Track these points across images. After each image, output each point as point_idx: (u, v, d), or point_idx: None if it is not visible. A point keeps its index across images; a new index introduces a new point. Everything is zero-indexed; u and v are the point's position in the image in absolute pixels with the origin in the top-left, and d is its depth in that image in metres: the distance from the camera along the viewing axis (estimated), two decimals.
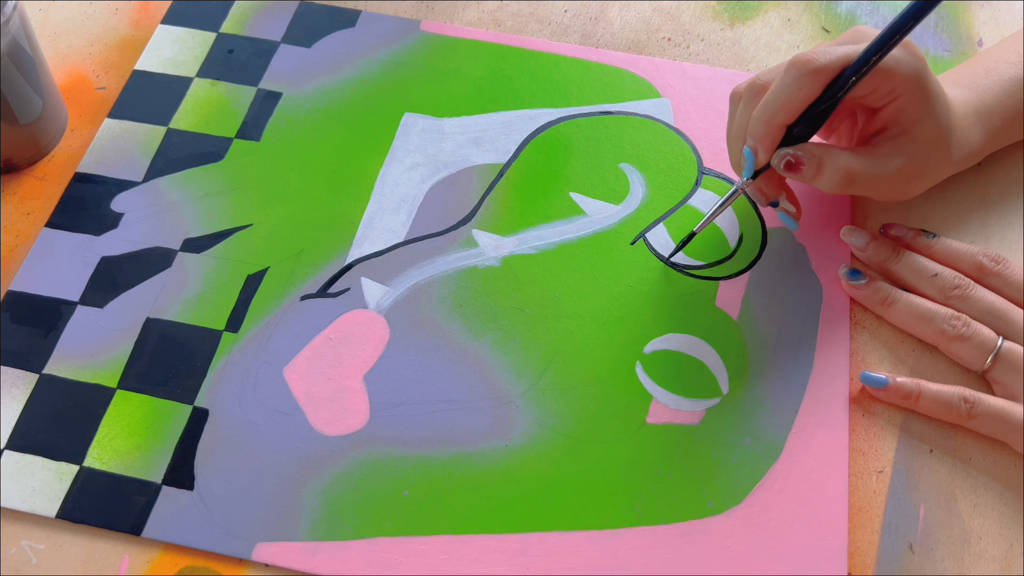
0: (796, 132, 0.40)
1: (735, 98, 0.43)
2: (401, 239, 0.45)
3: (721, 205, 0.42)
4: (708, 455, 0.39)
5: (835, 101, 0.38)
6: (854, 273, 0.43)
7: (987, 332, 0.40)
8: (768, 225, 0.45)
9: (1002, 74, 0.44)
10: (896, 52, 0.38)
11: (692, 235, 0.44)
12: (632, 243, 0.45)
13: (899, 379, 0.40)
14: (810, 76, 0.38)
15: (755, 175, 0.41)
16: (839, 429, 0.40)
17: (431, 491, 0.39)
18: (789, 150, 0.40)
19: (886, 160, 0.40)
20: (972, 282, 0.41)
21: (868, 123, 0.42)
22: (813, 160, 0.40)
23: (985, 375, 0.40)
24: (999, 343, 0.40)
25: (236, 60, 0.51)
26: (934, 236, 0.43)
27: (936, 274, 0.42)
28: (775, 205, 0.43)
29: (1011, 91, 0.43)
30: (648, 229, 0.45)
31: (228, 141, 0.48)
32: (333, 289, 0.44)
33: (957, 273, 0.42)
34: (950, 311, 0.41)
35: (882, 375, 0.40)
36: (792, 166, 0.40)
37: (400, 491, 0.39)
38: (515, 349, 0.42)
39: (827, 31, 0.53)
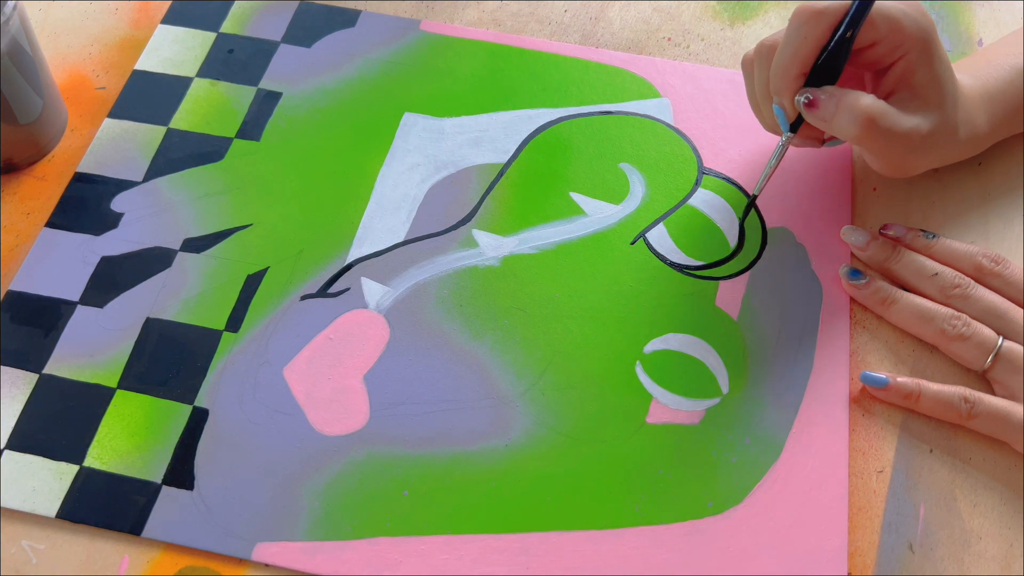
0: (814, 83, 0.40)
1: (747, 66, 0.43)
2: (401, 239, 0.45)
3: (776, 161, 0.43)
4: (708, 455, 0.39)
5: (847, 44, 0.39)
6: (854, 273, 0.43)
7: (987, 332, 0.40)
8: (768, 225, 0.45)
9: (1004, 63, 0.44)
10: (905, 7, 0.39)
11: (754, 199, 0.45)
12: (632, 243, 0.45)
13: (899, 379, 0.40)
14: (813, 20, 0.38)
15: (794, 128, 0.42)
16: (839, 429, 0.40)
17: (431, 491, 0.39)
18: (808, 90, 0.40)
19: (900, 116, 0.40)
20: (972, 281, 0.41)
21: (876, 87, 0.42)
22: (832, 99, 0.39)
23: (985, 375, 0.40)
24: (999, 343, 0.40)
25: (236, 60, 0.51)
26: (933, 236, 0.43)
27: (936, 273, 0.42)
28: (831, 144, 0.44)
29: (1013, 80, 0.44)
30: (648, 229, 0.45)
31: (228, 141, 0.48)
32: (333, 289, 0.44)
33: (957, 272, 0.42)
34: (950, 311, 0.41)
35: (882, 375, 0.40)
36: (811, 104, 0.40)
37: (400, 491, 0.39)
38: (515, 349, 0.42)
39: None
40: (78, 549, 0.37)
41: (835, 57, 0.39)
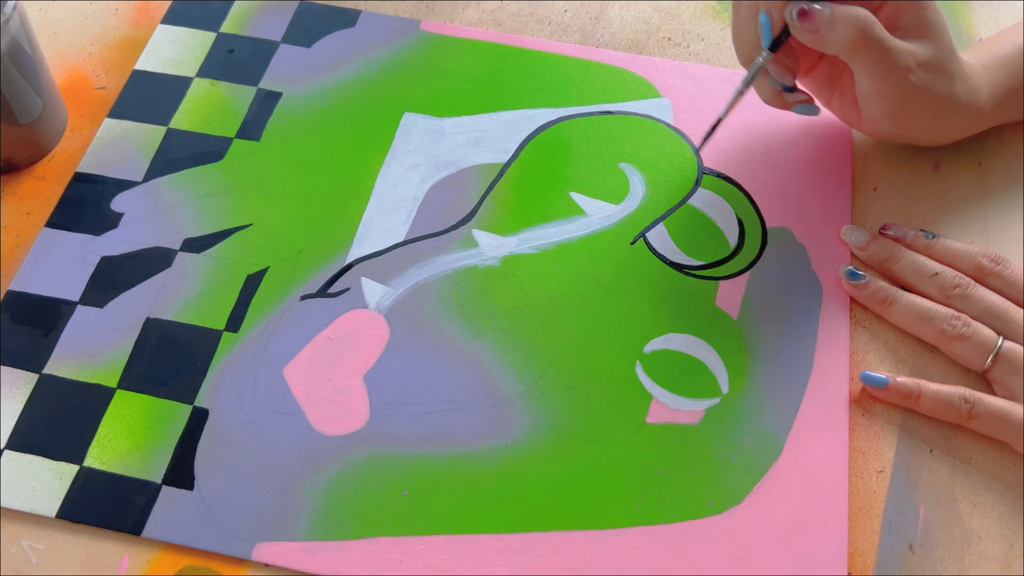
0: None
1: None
2: (401, 239, 0.45)
3: (744, 86, 0.43)
4: (708, 455, 0.39)
5: None
6: (854, 273, 0.43)
7: (987, 332, 0.40)
8: (768, 225, 0.45)
9: (1003, 43, 0.45)
10: None
11: (717, 123, 0.45)
12: (632, 243, 0.45)
13: (899, 379, 0.40)
14: None
15: (774, 46, 0.41)
16: (839, 429, 0.40)
17: (431, 491, 0.39)
18: (801, 2, 0.39)
19: (895, 40, 0.40)
20: (972, 281, 0.41)
21: None
22: (827, 8, 0.39)
23: (985, 375, 0.40)
24: (999, 343, 0.40)
25: (236, 60, 0.51)
26: (933, 236, 0.43)
27: (936, 273, 0.42)
28: (790, 91, 0.43)
29: (1014, 56, 0.44)
30: (648, 229, 0.45)
31: (228, 141, 0.48)
32: (333, 289, 0.44)
33: (958, 272, 0.42)
34: (950, 311, 0.41)
35: (882, 375, 0.40)
36: (804, 15, 0.39)
37: (400, 491, 0.39)
38: (515, 349, 0.42)
39: None
40: (78, 549, 0.37)
41: None
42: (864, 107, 0.43)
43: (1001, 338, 0.40)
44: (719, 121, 0.45)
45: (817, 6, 0.39)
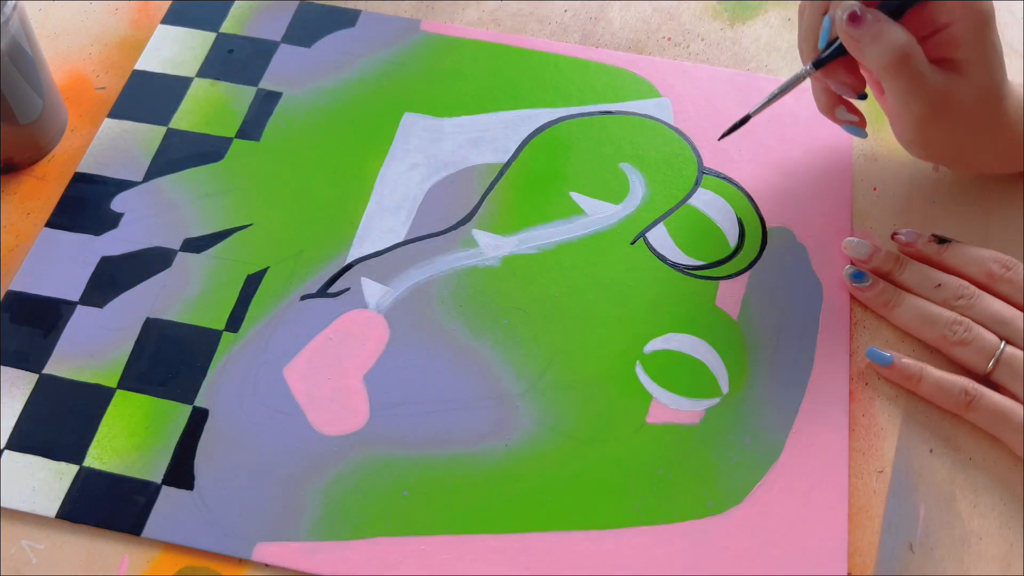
0: None
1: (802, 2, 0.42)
2: (401, 239, 0.45)
3: (781, 90, 0.42)
4: (708, 455, 0.39)
5: None
6: (858, 275, 0.42)
7: (989, 336, 0.40)
8: (768, 225, 0.45)
9: None
10: None
11: (746, 119, 0.44)
12: (632, 243, 0.45)
13: (904, 359, 0.40)
14: None
15: (821, 63, 0.40)
16: (839, 429, 0.40)
17: (431, 491, 0.39)
18: (857, 3, 0.38)
19: (935, 73, 0.39)
20: (977, 291, 0.41)
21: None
22: (877, 22, 0.38)
23: (988, 378, 0.40)
24: (1001, 347, 0.39)
25: (236, 60, 0.51)
26: (945, 241, 0.43)
27: (940, 284, 0.41)
28: (862, 97, 0.42)
29: None
30: (648, 229, 0.45)
31: (228, 141, 0.48)
32: (333, 289, 0.44)
33: (962, 283, 0.41)
34: (953, 315, 0.40)
35: (888, 353, 0.40)
36: (855, 19, 0.38)
37: (400, 491, 0.39)
38: (515, 349, 0.42)
39: None
40: (78, 549, 0.37)
41: (900, 5, 0.38)
42: (891, 122, 0.42)
43: (1003, 342, 0.40)
44: (747, 118, 0.44)
45: (870, 15, 0.38)
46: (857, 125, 0.43)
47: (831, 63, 0.41)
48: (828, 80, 0.42)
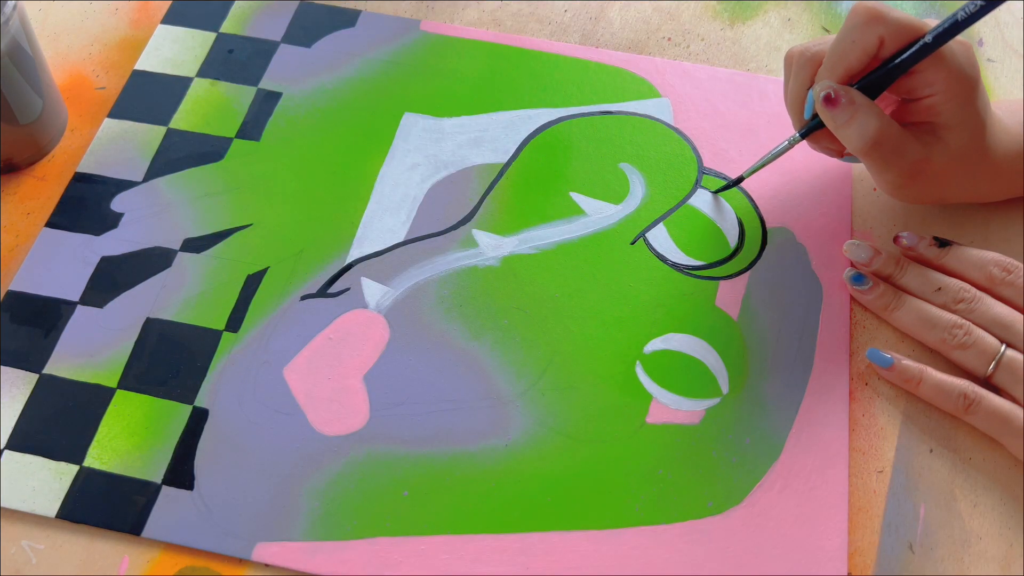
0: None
1: (787, 60, 0.42)
2: (401, 239, 0.45)
3: (772, 157, 0.44)
4: (708, 455, 0.39)
5: (894, 72, 0.38)
6: (858, 278, 0.42)
7: (990, 340, 0.40)
8: (768, 225, 0.45)
9: None
10: (954, 47, 0.38)
11: (738, 180, 0.45)
12: (632, 243, 0.45)
13: (904, 361, 0.40)
14: (867, 26, 0.37)
15: (807, 132, 0.42)
16: (839, 429, 0.40)
17: (431, 491, 0.39)
18: (831, 85, 0.39)
19: (911, 143, 0.39)
20: (977, 294, 0.41)
21: (899, 114, 0.41)
22: (851, 105, 0.38)
23: (989, 380, 0.40)
24: (1001, 350, 0.39)
25: (236, 60, 0.51)
26: (946, 244, 0.43)
27: (940, 288, 0.41)
28: (848, 159, 0.43)
29: None
30: (648, 229, 0.45)
31: (228, 141, 0.48)
32: (333, 289, 0.44)
33: (963, 286, 0.41)
34: (953, 318, 0.40)
35: (888, 355, 0.40)
36: (830, 100, 0.39)
37: (400, 491, 0.39)
38: (515, 349, 0.42)
39: (827, 31, 0.53)
40: (78, 549, 0.37)
41: (879, 80, 0.39)
42: (872, 176, 0.42)
43: (1004, 346, 0.39)
44: (740, 179, 0.46)
45: (844, 97, 0.38)
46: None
47: (817, 132, 0.42)
48: (813, 146, 0.44)
